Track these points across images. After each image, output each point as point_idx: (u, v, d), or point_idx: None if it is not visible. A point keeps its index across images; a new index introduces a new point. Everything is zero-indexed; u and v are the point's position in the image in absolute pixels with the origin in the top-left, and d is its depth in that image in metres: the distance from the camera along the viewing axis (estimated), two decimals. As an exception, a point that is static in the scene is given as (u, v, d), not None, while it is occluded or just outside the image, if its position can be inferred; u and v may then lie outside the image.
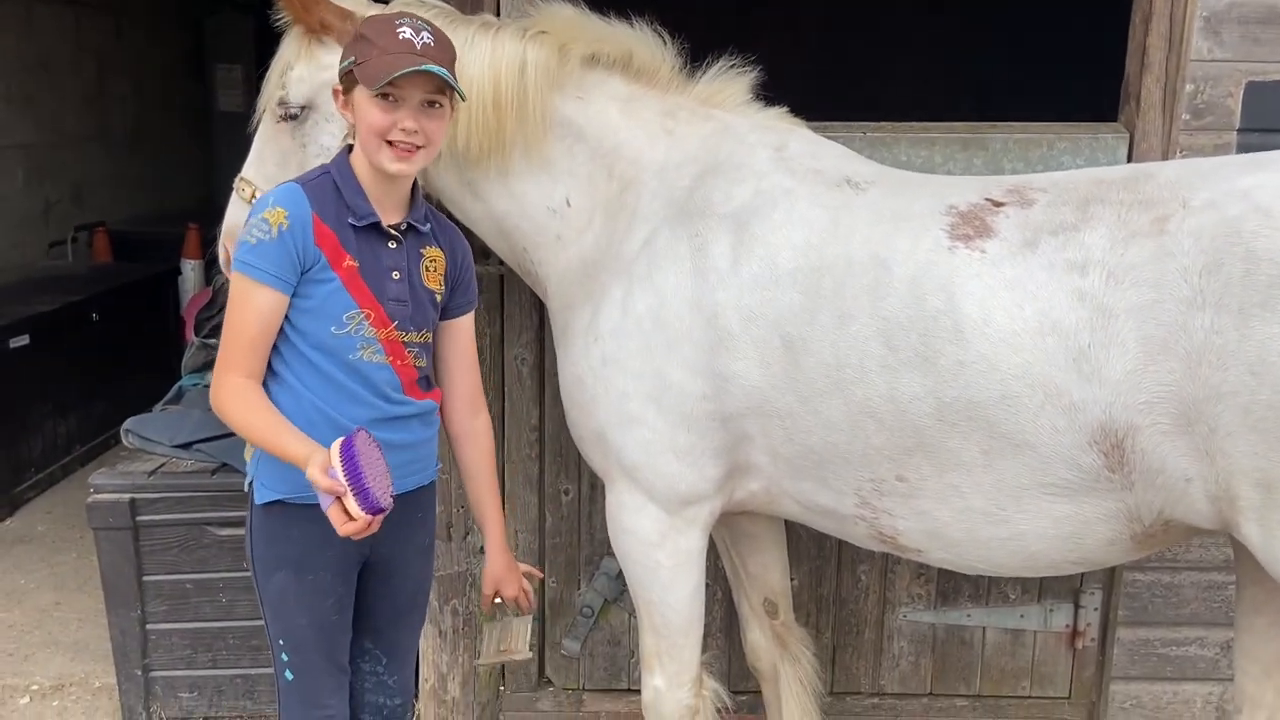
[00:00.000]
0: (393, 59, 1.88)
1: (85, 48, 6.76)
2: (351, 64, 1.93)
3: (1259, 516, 1.81)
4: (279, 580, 2.07)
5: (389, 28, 1.93)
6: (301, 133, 2.32)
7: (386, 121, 1.93)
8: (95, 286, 5.55)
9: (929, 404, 1.99)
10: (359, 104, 1.94)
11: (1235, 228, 1.81)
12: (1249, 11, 2.67)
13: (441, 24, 2.19)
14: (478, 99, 2.22)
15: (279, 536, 2.06)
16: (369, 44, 1.91)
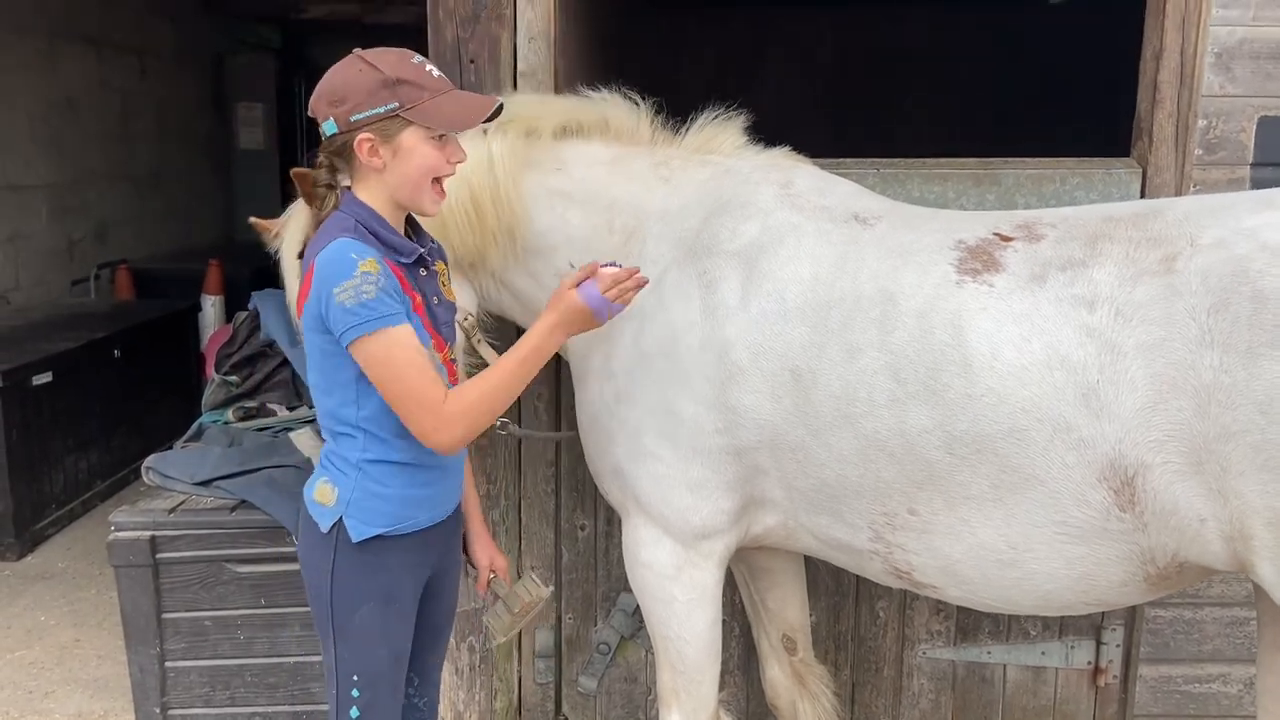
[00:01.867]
0: (455, 99, 1.95)
1: (109, 87, 6.88)
2: (396, 109, 1.91)
3: (1273, 556, 1.80)
4: (364, 614, 2.07)
5: (417, 68, 1.95)
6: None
7: (440, 159, 1.96)
8: (117, 324, 5.61)
9: (938, 437, 2.00)
10: (409, 146, 1.94)
11: (1243, 267, 1.81)
12: (1260, 47, 2.69)
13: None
14: (457, 204, 2.25)
15: (372, 569, 2.06)
16: (411, 86, 1.92)
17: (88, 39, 6.60)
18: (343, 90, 1.93)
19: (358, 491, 2.02)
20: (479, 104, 2.00)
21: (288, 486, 3.09)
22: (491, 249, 2.36)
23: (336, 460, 2.05)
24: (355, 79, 1.92)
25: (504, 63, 2.79)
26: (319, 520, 2.05)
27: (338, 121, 1.94)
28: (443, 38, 2.78)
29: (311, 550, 2.08)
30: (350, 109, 1.92)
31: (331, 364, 1.97)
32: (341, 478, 2.03)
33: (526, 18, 2.78)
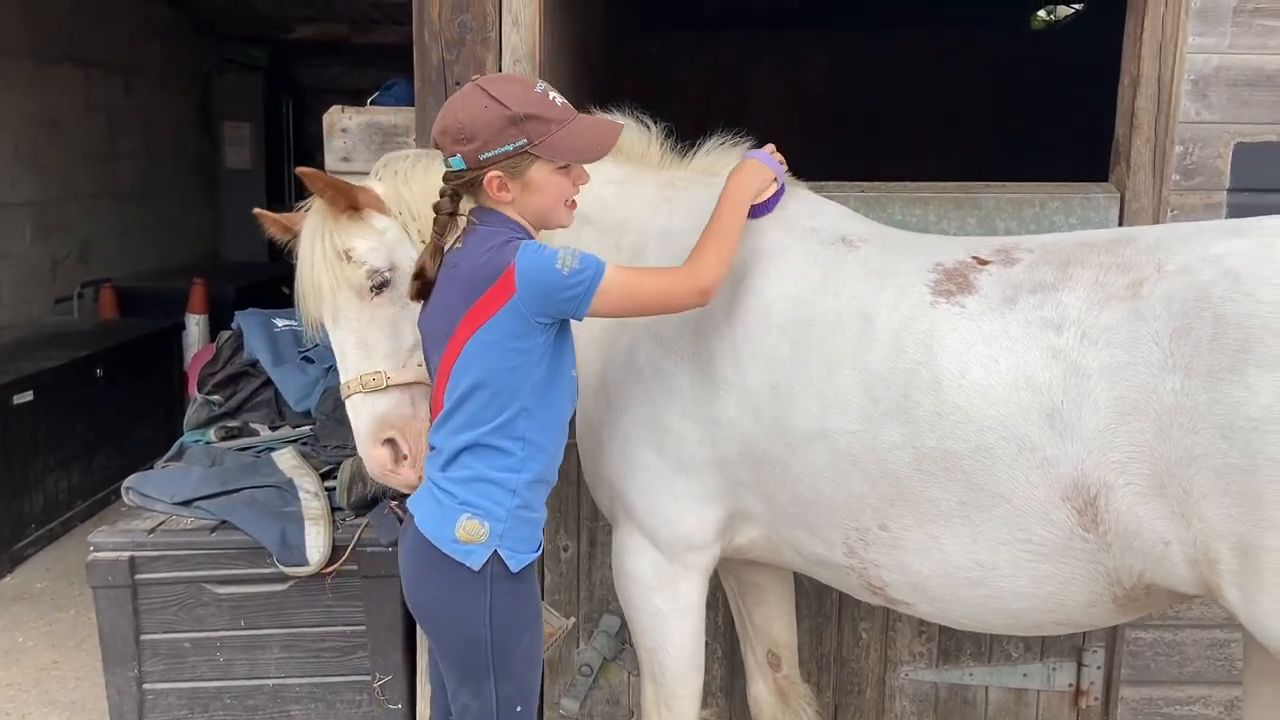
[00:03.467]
0: (580, 129, 1.99)
1: (94, 106, 6.87)
2: (524, 146, 1.94)
3: (1238, 581, 1.82)
4: (526, 641, 2.07)
5: (541, 98, 1.97)
6: (397, 292, 2.27)
7: (568, 185, 2.03)
8: (100, 343, 5.58)
9: (908, 454, 2.03)
10: (539, 180, 1.98)
11: (1205, 292, 1.84)
12: (1236, 74, 2.73)
13: (425, 163, 2.30)
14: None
15: (525, 596, 2.07)
16: (537, 121, 1.94)
17: (74, 58, 6.60)
18: (470, 128, 1.94)
19: (511, 520, 2.01)
20: (605, 132, 2.04)
21: (269, 507, 3.08)
22: None
23: (482, 490, 2.01)
24: (481, 116, 1.93)
25: (489, 85, 2.80)
26: (466, 560, 1.99)
27: (465, 159, 1.96)
28: (428, 60, 2.80)
29: (458, 593, 2.01)
30: (478, 147, 1.94)
31: (521, 371, 1.97)
32: (493, 508, 2.00)
33: (512, 41, 2.79)
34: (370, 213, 2.27)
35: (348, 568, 3.01)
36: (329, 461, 3.30)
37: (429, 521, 2.03)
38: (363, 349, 2.27)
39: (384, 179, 2.33)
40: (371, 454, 2.28)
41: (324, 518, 3.01)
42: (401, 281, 2.26)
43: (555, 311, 1.95)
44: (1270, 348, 1.75)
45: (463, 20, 2.77)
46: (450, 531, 2.00)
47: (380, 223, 2.27)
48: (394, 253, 2.27)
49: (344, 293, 2.26)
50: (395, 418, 2.26)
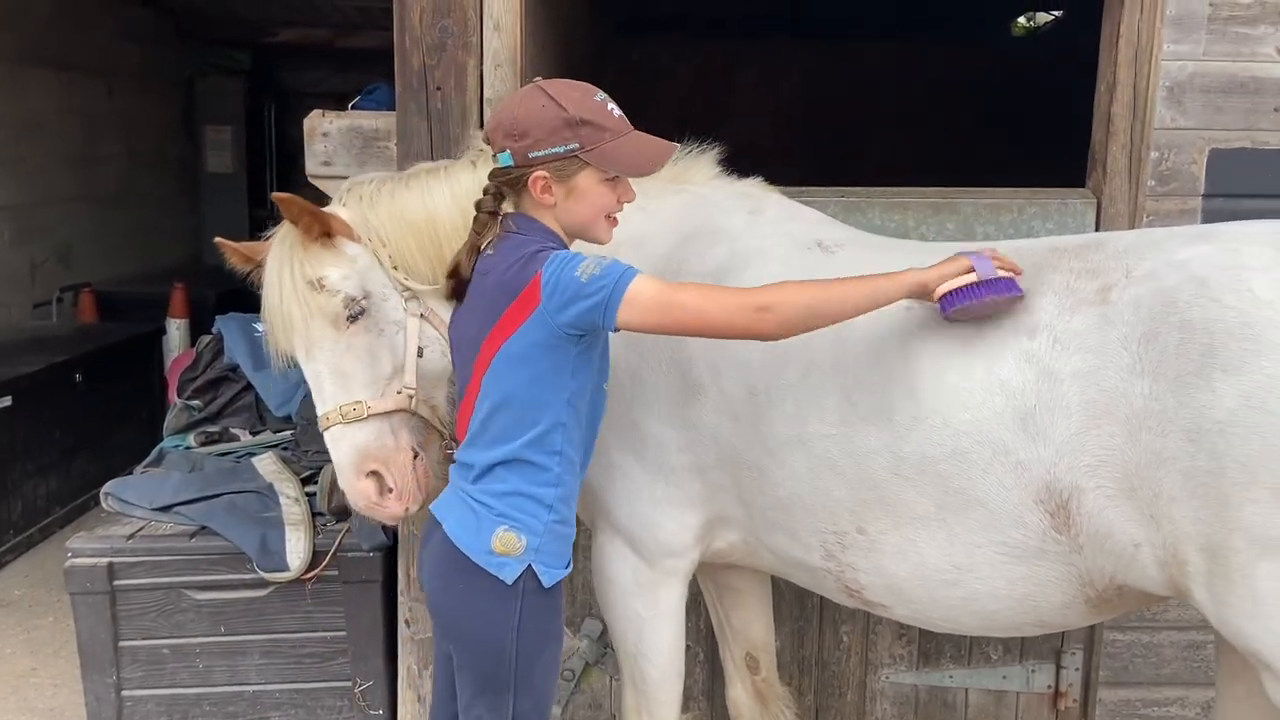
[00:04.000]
0: (635, 143, 1.95)
1: (74, 110, 6.83)
2: (575, 150, 1.90)
3: (1207, 582, 1.84)
4: (548, 655, 2.05)
5: (599, 107, 1.93)
6: (373, 319, 2.23)
7: (612, 199, 1.98)
8: (79, 347, 5.55)
9: (885, 458, 2.04)
10: (583, 188, 1.94)
11: (1171, 298, 1.86)
12: (1210, 81, 2.76)
13: (391, 186, 2.26)
14: (452, 232, 2.23)
15: (552, 612, 2.04)
16: (592, 127, 1.90)
17: (54, 62, 6.56)
18: (525, 124, 1.91)
19: (547, 535, 1.98)
20: (658, 150, 1.98)
21: (249, 512, 3.07)
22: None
23: (519, 504, 1.98)
24: (538, 114, 1.90)
25: (470, 90, 2.80)
26: (499, 573, 1.96)
27: (515, 155, 1.93)
28: (409, 65, 2.80)
29: (487, 605, 1.98)
30: (529, 145, 1.91)
31: (552, 384, 1.93)
32: (531, 522, 1.97)
33: (493, 46, 2.80)
34: (341, 240, 2.22)
35: (328, 573, 3.01)
36: (310, 466, 3.29)
37: (462, 531, 1.99)
38: (340, 379, 2.22)
39: (349, 204, 2.28)
40: (355, 487, 2.23)
41: (304, 523, 3.01)
42: (376, 309, 2.22)
43: (581, 322, 1.88)
44: (1234, 352, 1.78)
45: (444, 25, 2.78)
46: (486, 543, 1.96)
47: (351, 250, 2.23)
48: (366, 280, 2.23)
49: (318, 322, 2.20)
50: (378, 449, 2.21)
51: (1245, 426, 1.75)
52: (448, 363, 2.32)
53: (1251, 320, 1.78)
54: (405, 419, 2.25)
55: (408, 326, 2.25)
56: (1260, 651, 1.82)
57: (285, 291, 2.20)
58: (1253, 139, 2.77)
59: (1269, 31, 2.74)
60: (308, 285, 2.19)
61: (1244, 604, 1.80)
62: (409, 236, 2.25)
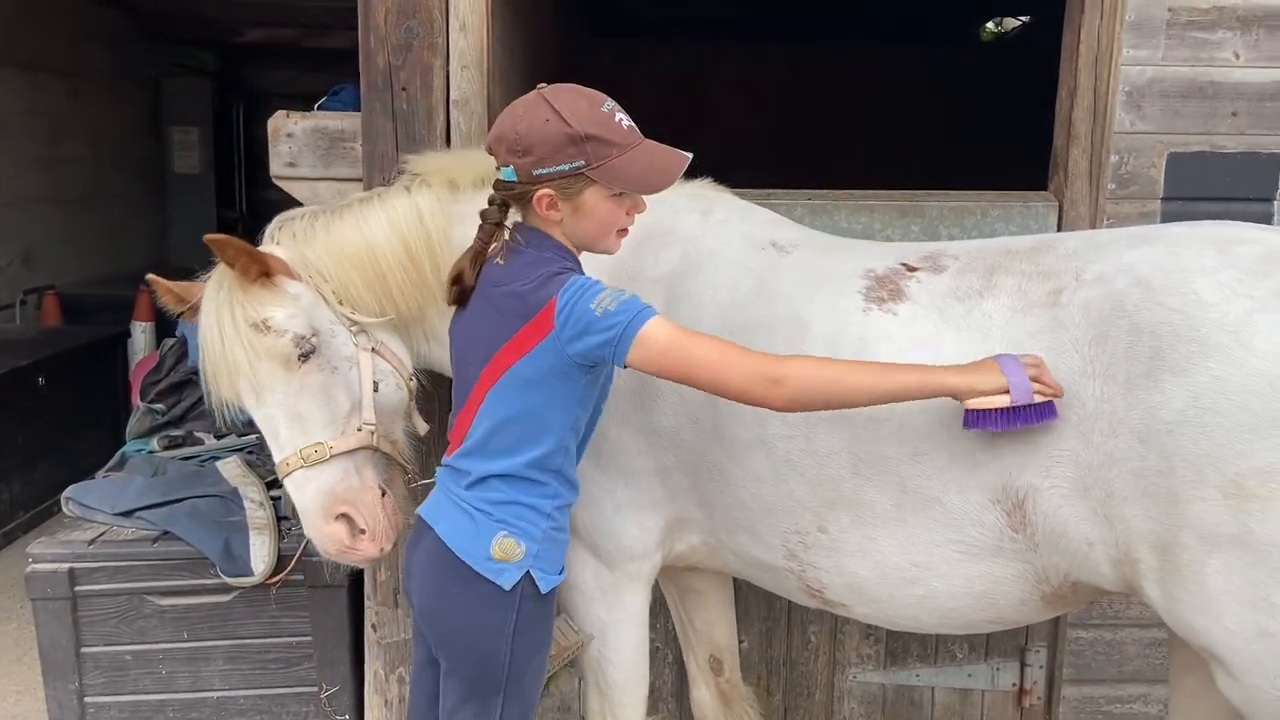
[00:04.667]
0: (644, 155, 1.86)
1: (38, 110, 6.74)
2: (581, 167, 1.83)
3: (1158, 579, 1.87)
4: (538, 662, 2.04)
5: (606, 119, 1.85)
6: (324, 357, 2.18)
7: (619, 214, 1.92)
8: (42, 350, 5.47)
9: (845, 458, 2.06)
10: (592, 205, 1.88)
11: (1120, 301, 1.89)
12: (1169, 86, 2.80)
13: (324, 219, 2.23)
14: (394, 259, 2.21)
15: (545, 618, 2.03)
16: (598, 142, 1.83)
17: (18, 62, 6.47)
18: (528, 140, 1.84)
19: (545, 541, 1.97)
20: (668, 163, 1.89)
21: (213, 516, 3.05)
22: (430, 303, 2.29)
23: (518, 512, 1.96)
24: (541, 130, 1.83)
25: (437, 91, 2.79)
26: (497, 578, 1.93)
27: (518, 171, 1.87)
28: (374, 65, 2.79)
29: (483, 611, 1.96)
30: (533, 162, 1.84)
31: (557, 409, 1.91)
32: (529, 529, 1.95)
33: (459, 46, 2.79)
34: (281, 278, 2.16)
35: (293, 578, 2.98)
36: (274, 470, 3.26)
37: (458, 536, 1.96)
38: (296, 422, 2.16)
39: (283, 242, 2.23)
40: (324, 532, 2.17)
41: (269, 527, 2.99)
42: (326, 345, 2.18)
43: (590, 355, 1.85)
44: (1181, 354, 1.80)
45: (409, 25, 2.77)
46: (485, 549, 1.94)
47: (293, 288, 2.17)
48: (313, 317, 2.18)
49: (266, 365, 2.13)
50: (344, 490, 2.17)
51: (1193, 426, 1.78)
52: (404, 395, 2.29)
53: (1197, 323, 1.80)
54: (368, 456, 2.21)
55: (360, 361, 2.20)
56: (1210, 645, 1.85)
57: (228, 335, 2.13)
58: (1211, 143, 2.81)
59: (1227, 36, 2.78)
60: (251, 328, 2.12)
61: (1194, 599, 1.83)
62: (350, 270, 2.20)
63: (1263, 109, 2.80)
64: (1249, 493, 1.74)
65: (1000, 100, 6.55)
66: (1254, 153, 2.81)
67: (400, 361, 2.30)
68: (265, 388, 2.15)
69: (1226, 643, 1.81)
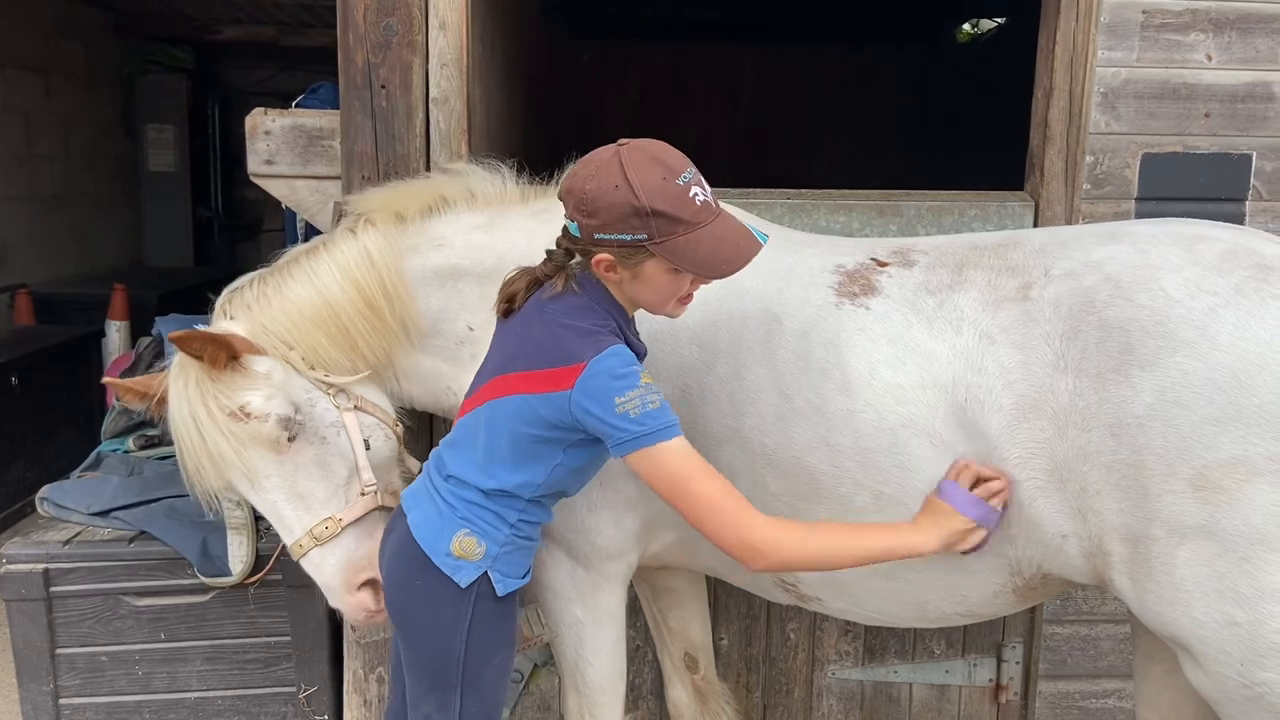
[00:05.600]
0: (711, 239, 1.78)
1: (11, 108, 6.67)
2: (644, 241, 1.77)
3: (1129, 571, 1.89)
4: (499, 659, 2.03)
5: (679, 195, 1.76)
6: (310, 430, 2.16)
7: (680, 286, 1.87)
8: (15, 350, 5.41)
9: (822, 452, 2.06)
10: (650, 275, 1.82)
11: (1090, 297, 1.91)
12: (1143, 87, 2.83)
13: (274, 281, 2.20)
14: (353, 310, 2.19)
15: (504, 617, 2.02)
16: (666, 219, 1.75)
17: (-11, 59, 6.42)
18: (593, 204, 1.78)
19: (507, 547, 1.96)
20: (736, 250, 1.80)
21: (189, 516, 3.02)
22: (395, 346, 2.27)
23: (482, 514, 1.95)
24: (609, 196, 1.76)
25: (416, 89, 2.79)
26: (454, 575, 1.94)
27: (582, 230, 1.82)
28: (353, 63, 2.78)
29: (439, 606, 1.96)
30: (597, 226, 1.79)
31: (547, 452, 1.89)
32: (491, 531, 1.95)
33: (438, 45, 2.78)
34: (246, 358, 2.12)
35: (271, 577, 2.97)
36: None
37: (424, 528, 1.96)
38: (299, 502, 2.15)
39: (238, 316, 2.19)
40: (350, 603, 2.17)
41: (247, 527, 2.97)
42: (310, 418, 2.15)
43: (592, 432, 1.83)
44: (1149, 349, 1.83)
45: (388, 24, 2.76)
46: (445, 544, 1.94)
47: (261, 366, 2.13)
48: (290, 392, 2.14)
49: (255, 453, 2.10)
50: (362, 557, 2.17)
51: (1162, 420, 1.81)
52: (394, 443, 2.29)
53: (1164, 318, 1.83)
54: (376, 515, 2.21)
55: (346, 424, 2.18)
56: (1179, 635, 1.88)
57: (206, 429, 2.09)
58: (1184, 143, 2.85)
59: (1200, 39, 2.81)
60: (230, 417, 2.08)
61: (1164, 590, 1.85)
62: (313, 330, 2.17)
63: (1235, 110, 2.84)
64: (1215, 484, 1.77)
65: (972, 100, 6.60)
66: (1226, 153, 2.85)
67: (383, 411, 2.29)
68: (259, 474, 2.12)
69: (1195, 632, 1.84)
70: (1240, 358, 1.77)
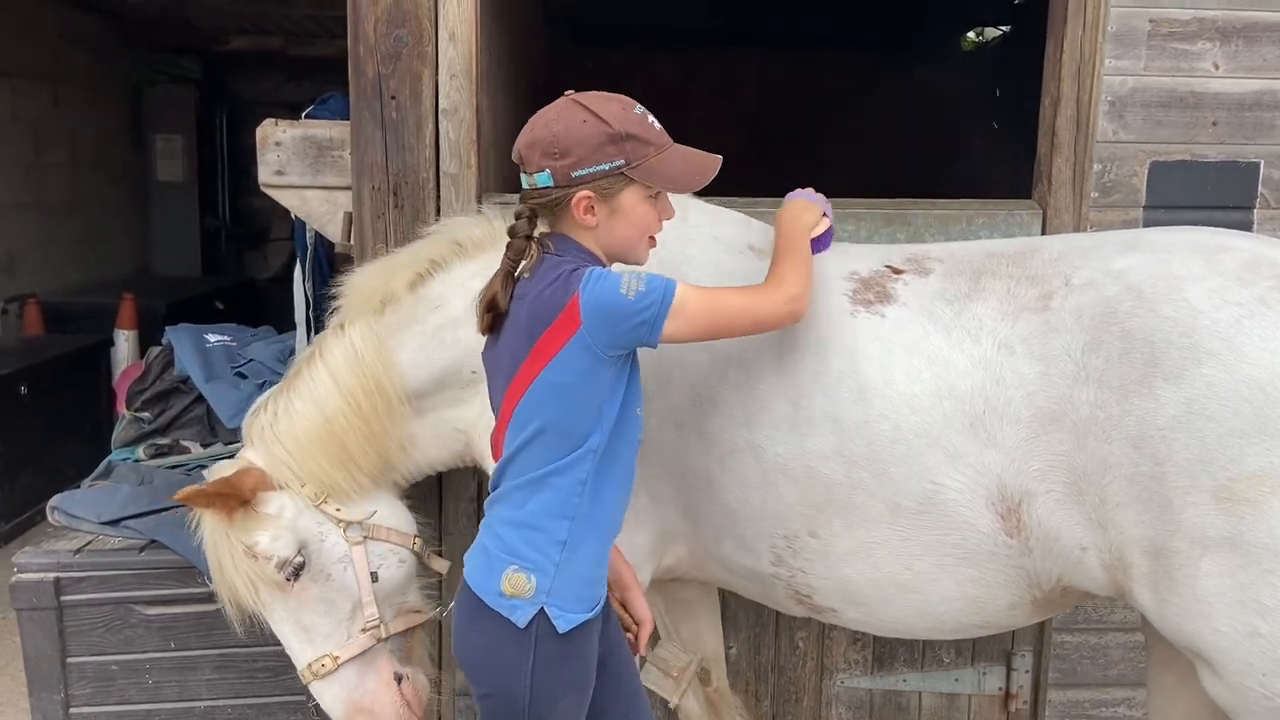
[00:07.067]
0: (680, 156, 1.87)
1: (20, 118, 6.71)
2: (621, 167, 1.81)
3: (1150, 583, 1.88)
4: (566, 704, 1.92)
5: (640, 120, 1.85)
6: (315, 568, 2.21)
7: (654, 217, 1.90)
8: (24, 359, 5.43)
9: (836, 462, 2.06)
10: (630, 206, 1.85)
11: (1112, 308, 1.91)
12: (1151, 96, 2.84)
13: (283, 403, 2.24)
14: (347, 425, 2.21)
15: (572, 658, 1.91)
16: (637, 141, 1.82)
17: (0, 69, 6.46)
18: (566, 142, 1.80)
19: (560, 576, 1.87)
20: (703, 162, 1.89)
21: (200, 525, 3.03)
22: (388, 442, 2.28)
23: (529, 539, 1.87)
24: (579, 130, 1.80)
25: (425, 100, 2.80)
26: (511, 615, 1.86)
27: (555, 175, 1.82)
28: (364, 74, 2.79)
29: (500, 649, 1.88)
30: (572, 164, 1.80)
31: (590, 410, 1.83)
32: (540, 560, 1.86)
33: (448, 56, 2.80)
34: (260, 496, 2.18)
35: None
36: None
37: (475, 573, 1.92)
38: (303, 635, 2.23)
39: (256, 444, 2.24)
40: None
41: (257, 535, 2.97)
42: (315, 556, 2.19)
43: (626, 342, 1.81)
44: (1175, 360, 1.83)
45: (398, 35, 2.77)
46: (495, 583, 1.88)
47: (272, 505, 2.19)
48: (299, 531, 2.20)
49: (263, 588, 2.19)
50: (360, 697, 2.22)
51: (1186, 432, 1.80)
52: (408, 566, 2.31)
53: (1189, 329, 1.83)
54: (380, 647, 2.24)
55: (354, 558, 2.22)
56: (1200, 647, 1.87)
57: (225, 563, 2.20)
58: (1192, 151, 2.86)
59: (1207, 47, 2.82)
60: (244, 552, 2.17)
61: (1185, 602, 1.85)
62: (317, 455, 2.20)
63: (1242, 118, 2.84)
64: (1240, 496, 1.76)
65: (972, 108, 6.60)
66: (1234, 161, 2.86)
67: (400, 533, 2.30)
68: (268, 607, 2.22)
69: (1216, 644, 1.84)
70: (1267, 369, 1.76)
